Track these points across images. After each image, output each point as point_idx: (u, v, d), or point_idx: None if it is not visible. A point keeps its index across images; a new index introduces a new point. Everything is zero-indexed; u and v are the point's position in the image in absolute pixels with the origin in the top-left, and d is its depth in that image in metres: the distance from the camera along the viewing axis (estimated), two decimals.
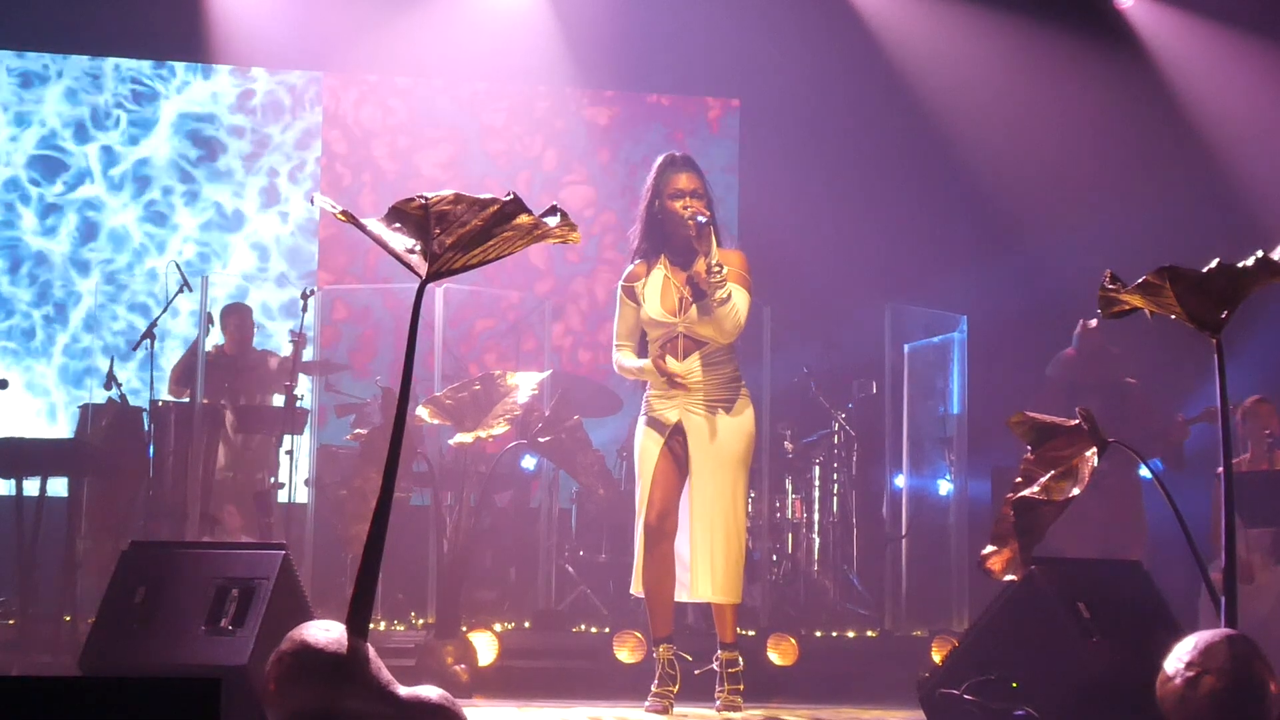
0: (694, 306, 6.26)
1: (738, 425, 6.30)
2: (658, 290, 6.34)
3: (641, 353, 6.42)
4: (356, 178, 12.19)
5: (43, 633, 8.28)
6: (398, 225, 4.31)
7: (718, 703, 6.25)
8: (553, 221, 4.34)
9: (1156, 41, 11.29)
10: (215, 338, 9.97)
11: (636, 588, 6.34)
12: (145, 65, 11.91)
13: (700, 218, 6.22)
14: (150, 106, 11.90)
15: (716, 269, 6.19)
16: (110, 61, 11.85)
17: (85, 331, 11.42)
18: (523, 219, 4.29)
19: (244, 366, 9.77)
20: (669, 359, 6.25)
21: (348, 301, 11.76)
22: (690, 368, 6.27)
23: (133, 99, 11.88)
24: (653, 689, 6.25)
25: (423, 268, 4.30)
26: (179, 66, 11.94)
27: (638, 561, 6.31)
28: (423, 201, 4.29)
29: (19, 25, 11.43)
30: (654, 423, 6.31)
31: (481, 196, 4.28)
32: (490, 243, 4.30)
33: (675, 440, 6.28)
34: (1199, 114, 11.18)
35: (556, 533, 9.68)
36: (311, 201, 4.65)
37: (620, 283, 6.46)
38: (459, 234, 4.28)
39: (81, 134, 11.79)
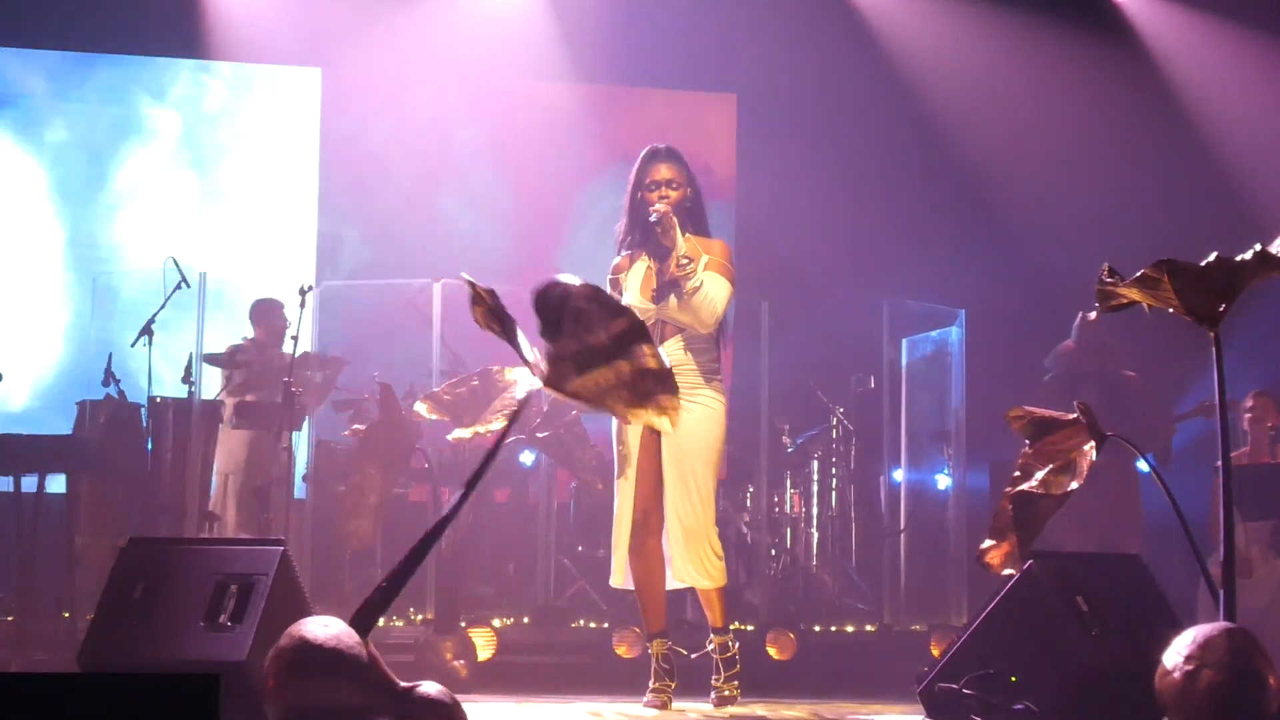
0: (673, 294, 6.25)
1: (709, 414, 6.28)
2: (639, 280, 6.35)
3: None
4: (355, 173, 12.18)
5: (41, 629, 8.29)
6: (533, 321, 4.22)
7: (713, 695, 6.24)
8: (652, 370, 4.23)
9: (1153, 34, 11.29)
10: (246, 331, 10.02)
11: (617, 580, 6.34)
12: (152, 69, 11.94)
13: (652, 216, 6.22)
14: (155, 108, 11.92)
15: (684, 261, 6.20)
16: (126, 71, 11.87)
17: (88, 333, 11.41)
18: (643, 351, 4.18)
19: (270, 360, 9.75)
20: None
21: (345, 298, 11.74)
22: (669, 349, 6.23)
23: (143, 101, 11.91)
24: (650, 685, 6.25)
25: (541, 369, 4.24)
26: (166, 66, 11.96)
27: (619, 554, 6.30)
28: (564, 291, 4.22)
29: (16, 21, 11.41)
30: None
31: (613, 301, 4.22)
32: (600, 373, 4.20)
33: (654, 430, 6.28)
34: (1196, 106, 11.17)
35: (555, 528, 9.68)
36: (461, 281, 4.52)
37: (607, 276, 6.47)
38: (584, 343, 4.20)
39: (91, 137, 11.81)
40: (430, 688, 4.54)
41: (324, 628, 4.42)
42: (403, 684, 4.50)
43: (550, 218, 12.27)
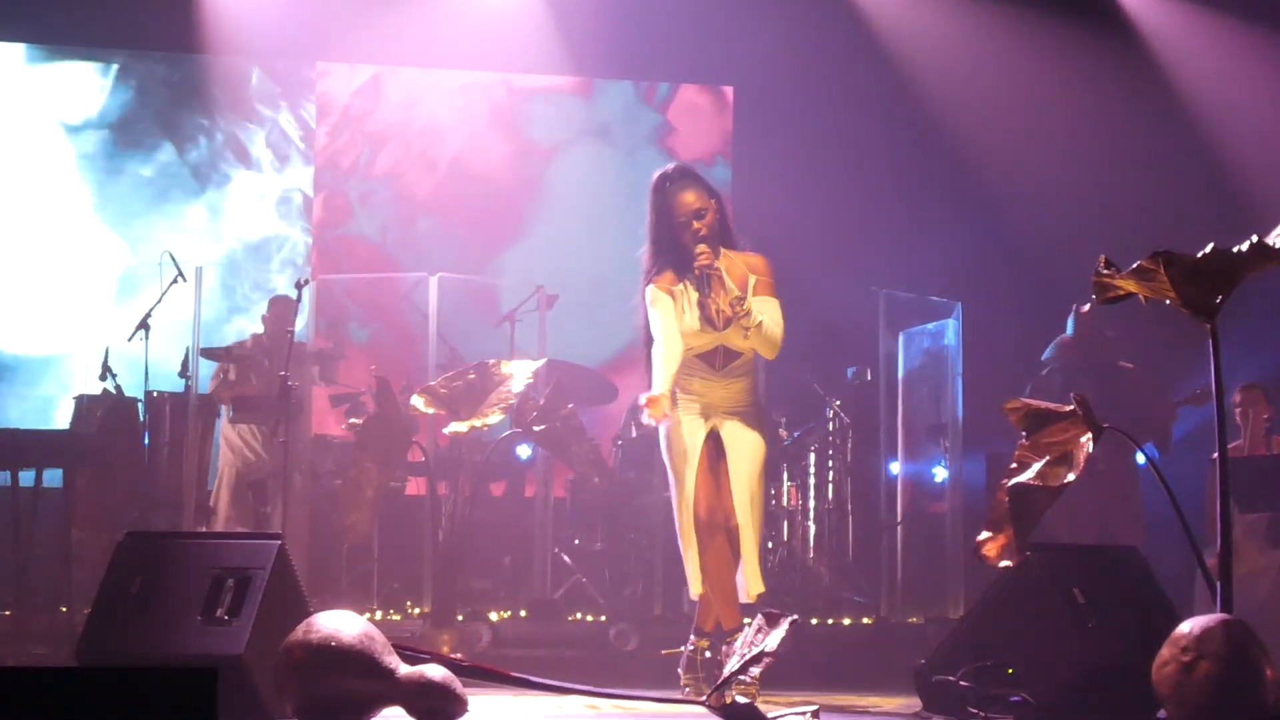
0: (731, 323, 6.29)
1: (762, 432, 6.45)
2: (695, 306, 6.31)
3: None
4: (350, 166, 12.18)
5: (39, 624, 8.28)
6: None
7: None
8: None
9: (1149, 25, 11.28)
10: (256, 326, 9.98)
11: (698, 588, 6.31)
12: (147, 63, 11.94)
13: (704, 274, 6.22)
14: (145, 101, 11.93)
15: (738, 299, 6.24)
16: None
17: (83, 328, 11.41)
18: None
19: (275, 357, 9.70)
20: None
21: (342, 292, 11.74)
22: (730, 376, 6.36)
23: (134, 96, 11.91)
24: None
25: None
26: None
27: (695, 562, 6.28)
28: None
29: (10, 17, 11.39)
30: (690, 425, 6.33)
31: None
32: None
33: (711, 442, 6.33)
34: (1194, 98, 11.17)
35: (551, 521, 9.67)
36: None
37: (651, 284, 6.33)
38: None
39: (84, 131, 11.81)
40: (435, 671, 4.63)
41: (333, 622, 4.50)
42: (406, 667, 4.57)
43: (545, 211, 12.26)
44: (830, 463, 10.26)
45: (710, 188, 6.42)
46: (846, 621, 9.27)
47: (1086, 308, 9.18)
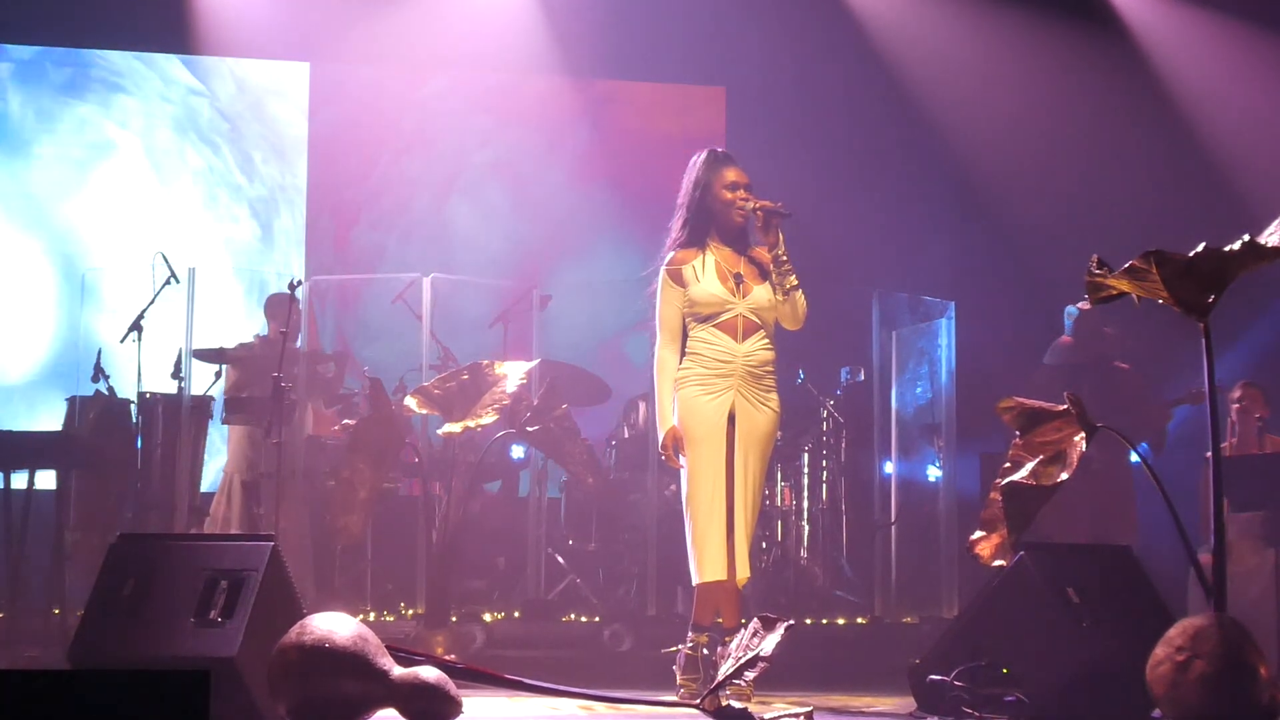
0: (756, 288, 6.36)
1: (776, 419, 6.46)
2: (713, 271, 6.37)
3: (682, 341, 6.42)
4: (342, 167, 12.17)
5: (31, 626, 8.27)
6: None
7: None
8: None
9: (1142, 24, 11.29)
10: (259, 327, 9.92)
11: (710, 574, 6.28)
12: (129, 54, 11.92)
13: (777, 210, 6.35)
14: (134, 97, 11.91)
15: (784, 259, 6.36)
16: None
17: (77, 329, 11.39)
18: None
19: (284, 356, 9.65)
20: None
21: (335, 292, 11.73)
22: (752, 349, 6.34)
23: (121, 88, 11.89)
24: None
25: None
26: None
27: (709, 549, 6.27)
28: None
29: (6, 17, 11.38)
30: (710, 407, 6.31)
31: None
32: None
33: (729, 424, 6.32)
34: (1185, 96, 11.18)
35: (545, 522, 9.67)
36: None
37: (664, 267, 6.42)
38: None
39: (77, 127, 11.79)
40: (429, 673, 4.63)
41: (327, 623, 4.51)
42: (400, 669, 4.58)
43: (539, 211, 12.26)
44: (824, 463, 10.25)
45: None
46: (841, 621, 9.26)
47: (1084, 304, 9.17)
